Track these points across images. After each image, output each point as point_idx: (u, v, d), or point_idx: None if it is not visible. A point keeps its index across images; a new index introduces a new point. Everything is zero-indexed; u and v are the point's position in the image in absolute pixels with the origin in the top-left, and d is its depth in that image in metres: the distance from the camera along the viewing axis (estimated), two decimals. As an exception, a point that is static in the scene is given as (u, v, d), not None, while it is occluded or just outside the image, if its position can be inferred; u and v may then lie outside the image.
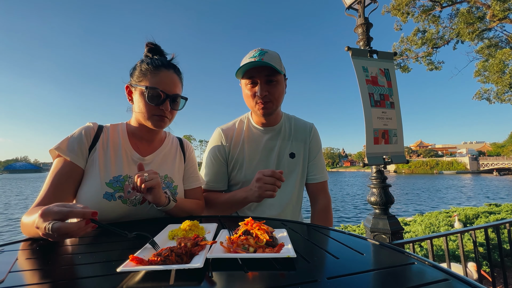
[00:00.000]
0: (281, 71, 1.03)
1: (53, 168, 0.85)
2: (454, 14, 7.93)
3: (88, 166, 0.88)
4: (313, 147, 1.23)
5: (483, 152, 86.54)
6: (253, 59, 1.00)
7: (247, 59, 1.02)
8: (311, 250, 0.55)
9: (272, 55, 1.03)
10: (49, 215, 0.55)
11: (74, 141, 0.88)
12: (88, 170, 0.88)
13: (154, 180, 0.79)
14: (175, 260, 0.44)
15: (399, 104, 2.15)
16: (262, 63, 0.98)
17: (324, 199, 1.22)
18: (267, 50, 1.04)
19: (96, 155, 0.89)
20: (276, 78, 1.03)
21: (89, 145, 0.90)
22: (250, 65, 0.99)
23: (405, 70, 8.82)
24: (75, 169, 0.86)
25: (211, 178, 1.16)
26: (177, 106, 0.96)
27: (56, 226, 0.53)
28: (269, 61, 0.99)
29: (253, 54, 1.03)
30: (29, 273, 0.45)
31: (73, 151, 0.86)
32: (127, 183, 0.90)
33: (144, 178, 0.78)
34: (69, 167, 0.85)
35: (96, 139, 0.92)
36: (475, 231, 1.94)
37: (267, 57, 1.01)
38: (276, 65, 1.01)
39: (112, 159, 0.91)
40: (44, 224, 0.54)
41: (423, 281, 0.39)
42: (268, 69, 1.01)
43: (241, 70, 1.02)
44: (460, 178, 41.92)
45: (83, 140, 0.89)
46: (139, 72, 0.92)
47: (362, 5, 2.31)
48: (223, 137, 1.17)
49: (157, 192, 0.82)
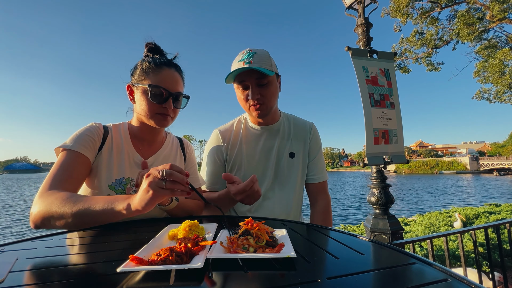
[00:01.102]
0: (272, 72, 1.00)
1: (59, 159, 0.81)
2: (453, 15, 7.94)
3: (94, 166, 0.87)
4: (313, 147, 1.22)
5: (483, 152, 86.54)
6: (241, 63, 0.99)
7: (236, 63, 1.01)
8: (311, 250, 0.55)
9: (261, 56, 1.00)
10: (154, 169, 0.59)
11: (83, 137, 0.86)
12: (92, 171, 0.87)
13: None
14: (175, 260, 0.44)
15: (399, 104, 2.15)
16: (250, 67, 0.96)
17: (324, 199, 1.21)
18: (256, 51, 1.01)
19: (101, 156, 0.89)
20: (267, 80, 1.02)
21: (99, 144, 0.89)
22: (239, 71, 0.98)
23: (405, 71, 8.82)
24: (83, 159, 0.84)
25: (209, 179, 1.16)
26: (180, 105, 0.96)
27: (169, 172, 0.57)
28: (257, 64, 0.97)
29: (241, 57, 1.01)
30: (29, 273, 0.45)
31: (83, 144, 0.84)
32: (129, 186, 0.89)
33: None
34: (76, 155, 0.82)
35: (103, 140, 0.91)
36: (475, 231, 1.93)
37: (256, 58, 0.99)
38: (266, 66, 0.99)
39: (115, 161, 0.90)
40: (156, 172, 0.57)
41: (423, 281, 0.39)
42: (258, 72, 0.99)
43: (231, 76, 1.01)
44: (460, 178, 41.92)
45: (95, 138, 0.88)
46: (140, 71, 0.91)
47: (362, 5, 2.31)
48: (220, 139, 1.17)
49: None
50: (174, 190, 0.59)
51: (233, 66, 1.04)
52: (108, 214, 0.64)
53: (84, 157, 0.84)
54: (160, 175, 0.57)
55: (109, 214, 0.64)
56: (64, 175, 0.78)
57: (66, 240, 0.66)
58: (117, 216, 0.64)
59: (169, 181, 0.58)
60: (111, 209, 0.63)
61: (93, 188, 0.86)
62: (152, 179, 0.58)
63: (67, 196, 0.69)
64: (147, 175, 0.59)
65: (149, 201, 0.58)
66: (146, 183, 0.58)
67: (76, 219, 0.66)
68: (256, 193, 0.88)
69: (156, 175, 0.58)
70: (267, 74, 0.97)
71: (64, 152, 0.82)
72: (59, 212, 0.67)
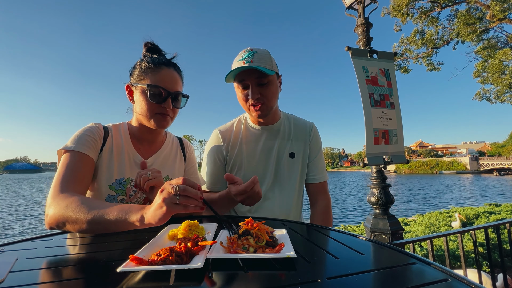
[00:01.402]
0: (272, 71, 0.99)
1: (64, 160, 0.81)
2: (453, 15, 7.94)
3: (95, 166, 0.87)
4: (314, 147, 1.22)
5: (483, 152, 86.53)
6: (242, 62, 0.98)
7: (237, 62, 1.01)
8: (311, 250, 0.55)
9: (261, 55, 1.00)
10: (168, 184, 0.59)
11: (84, 137, 0.86)
12: (94, 171, 0.87)
13: (157, 178, 0.79)
14: (175, 260, 0.44)
15: (399, 104, 2.15)
16: (250, 67, 0.96)
17: (324, 199, 1.21)
18: (256, 50, 1.01)
19: (102, 157, 0.89)
20: (267, 80, 1.01)
21: (101, 145, 0.89)
22: (239, 69, 0.98)
23: (405, 71, 8.82)
24: (88, 159, 0.84)
25: (209, 179, 1.16)
26: (179, 104, 0.95)
27: (183, 187, 0.57)
28: (258, 63, 0.97)
29: (242, 56, 1.00)
30: (29, 273, 0.45)
31: (86, 145, 0.84)
32: (129, 186, 0.90)
33: (147, 176, 0.78)
34: (81, 156, 0.83)
35: (104, 141, 0.91)
36: (475, 231, 1.93)
37: (256, 58, 0.98)
38: (267, 65, 0.98)
39: (115, 162, 0.90)
40: (170, 187, 0.57)
41: (423, 281, 0.39)
42: (258, 71, 0.98)
43: (231, 75, 1.00)
44: (460, 178, 41.92)
45: (96, 138, 0.88)
46: (139, 71, 0.91)
47: (362, 5, 2.31)
48: (220, 138, 1.17)
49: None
50: (188, 206, 0.59)
51: (233, 65, 1.03)
52: (121, 224, 0.64)
53: (88, 157, 0.84)
54: (174, 191, 0.57)
55: (122, 224, 0.64)
56: (72, 176, 0.79)
57: (66, 240, 0.66)
58: (130, 226, 0.64)
59: (183, 196, 0.58)
60: (125, 219, 0.63)
61: (93, 188, 0.86)
62: (166, 195, 0.58)
63: (81, 201, 0.69)
64: (161, 190, 0.59)
65: (163, 217, 0.58)
66: (161, 198, 0.58)
67: (90, 225, 0.66)
68: (257, 195, 0.88)
69: (170, 191, 0.57)
70: (267, 73, 0.97)
71: (68, 154, 0.82)
72: (73, 217, 0.67)
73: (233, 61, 1.05)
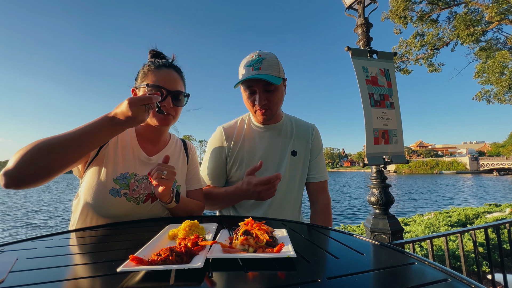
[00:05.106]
0: (279, 80, 1.01)
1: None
2: (452, 17, 7.93)
3: (100, 158, 0.90)
4: (315, 147, 1.23)
5: (483, 152, 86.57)
6: (250, 68, 1.00)
7: (245, 67, 1.02)
8: (311, 250, 0.55)
9: (270, 62, 1.01)
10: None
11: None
12: (99, 163, 0.89)
13: (168, 181, 0.82)
14: (175, 260, 0.44)
15: (399, 104, 2.15)
16: (259, 76, 0.97)
17: (324, 199, 1.22)
18: (265, 56, 1.02)
19: (107, 150, 0.91)
20: (274, 86, 1.03)
21: None
22: (247, 77, 1.00)
23: (405, 72, 8.81)
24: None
25: (210, 173, 1.18)
26: (180, 103, 0.99)
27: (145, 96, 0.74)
28: (266, 71, 0.99)
29: (250, 60, 1.02)
30: (29, 273, 0.45)
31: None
32: (133, 181, 0.92)
33: (161, 174, 0.80)
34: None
35: None
36: (475, 231, 1.93)
37: (265, 65, 1.00)
38: (274, 73, 1.00)
39: (120, 156, 0.93)
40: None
41: (423, 281, 0.39)
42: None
43: (240, 82, 1.03)
44: (460, 178, 41.91)
45: None
46: (142, 74, 0.97)
47: (362, 5, 2.32)
48: (223, 135, 1.18)
49: (165, 190, 0.85)
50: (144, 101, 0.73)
51: (240, 68, 1.05)
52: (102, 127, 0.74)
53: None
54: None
55: (104, 126, 0.74)
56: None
57: (66, 240, 0.66)
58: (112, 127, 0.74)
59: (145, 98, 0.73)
60: (104, 120, 0.74)
61: (98, 180, 0.87)
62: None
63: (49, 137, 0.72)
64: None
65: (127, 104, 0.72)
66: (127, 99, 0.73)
67: (73, 141, 0.71)
68: (274, 190, 0.93)
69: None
70: (274, 83, 0.99)
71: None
72: (50, 142, 0.70)
73: (241, 63, 1.06)
